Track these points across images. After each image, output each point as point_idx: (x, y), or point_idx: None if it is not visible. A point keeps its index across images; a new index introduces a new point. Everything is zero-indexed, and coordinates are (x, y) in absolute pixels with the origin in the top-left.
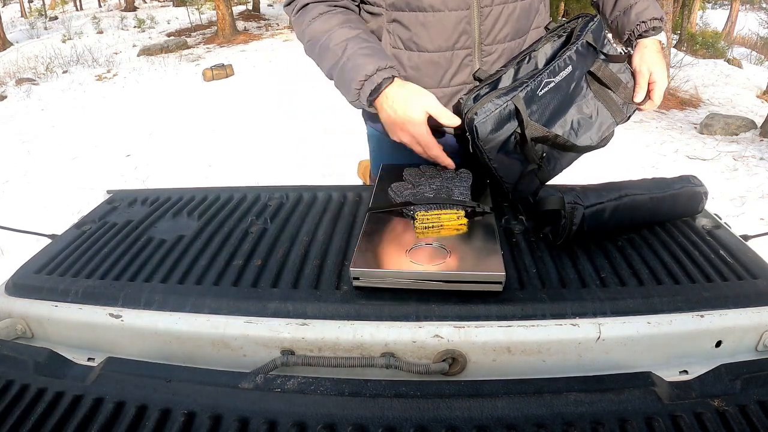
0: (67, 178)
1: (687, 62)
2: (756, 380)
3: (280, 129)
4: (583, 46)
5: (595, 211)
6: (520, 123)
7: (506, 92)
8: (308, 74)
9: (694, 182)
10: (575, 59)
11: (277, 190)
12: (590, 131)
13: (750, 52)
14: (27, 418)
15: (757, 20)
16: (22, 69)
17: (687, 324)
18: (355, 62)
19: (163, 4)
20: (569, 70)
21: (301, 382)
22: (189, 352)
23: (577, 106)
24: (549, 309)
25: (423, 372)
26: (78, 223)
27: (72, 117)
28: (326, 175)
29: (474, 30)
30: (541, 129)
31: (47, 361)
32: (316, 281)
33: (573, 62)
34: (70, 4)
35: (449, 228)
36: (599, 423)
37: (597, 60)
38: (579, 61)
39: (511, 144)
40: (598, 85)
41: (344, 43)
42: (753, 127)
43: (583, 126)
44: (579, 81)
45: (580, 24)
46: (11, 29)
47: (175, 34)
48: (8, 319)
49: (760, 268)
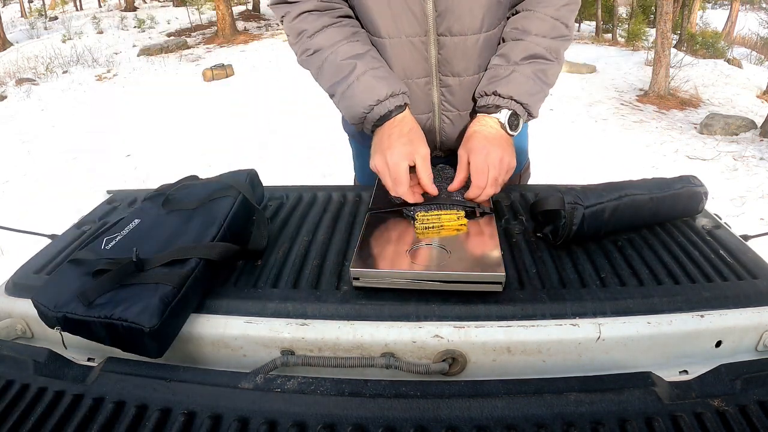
0: (67, 178)
1: (687, 62)
2: (756, 380)
3: (280, 129)
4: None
5: (595, 211)
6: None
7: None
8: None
9: (694, 182)
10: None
11: (277, 190)
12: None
13: (750, 52)
14: (27, 418)
15: (757, 20)
16: (22, 69)
17: (687, 324)
18: (366, 83)
19: (163, 4)
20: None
21: (301, 382)
22: (189, 352)
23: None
24: (549, 309)
25: (423, 372)
26: (78, 223)
27: (72, 117)
28: (326, 175)
29: (431, 58)
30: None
31: (47, 361)
32: (316, 281)
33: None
34: (70, 4)
35: (449, 228)
36: (599, 423)
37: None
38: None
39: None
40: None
41: (353, 61)
42: (753, 127)
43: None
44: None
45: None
46: (11, 29)
47: (175, 34)
48: (8, 319)
49: (760, 268)
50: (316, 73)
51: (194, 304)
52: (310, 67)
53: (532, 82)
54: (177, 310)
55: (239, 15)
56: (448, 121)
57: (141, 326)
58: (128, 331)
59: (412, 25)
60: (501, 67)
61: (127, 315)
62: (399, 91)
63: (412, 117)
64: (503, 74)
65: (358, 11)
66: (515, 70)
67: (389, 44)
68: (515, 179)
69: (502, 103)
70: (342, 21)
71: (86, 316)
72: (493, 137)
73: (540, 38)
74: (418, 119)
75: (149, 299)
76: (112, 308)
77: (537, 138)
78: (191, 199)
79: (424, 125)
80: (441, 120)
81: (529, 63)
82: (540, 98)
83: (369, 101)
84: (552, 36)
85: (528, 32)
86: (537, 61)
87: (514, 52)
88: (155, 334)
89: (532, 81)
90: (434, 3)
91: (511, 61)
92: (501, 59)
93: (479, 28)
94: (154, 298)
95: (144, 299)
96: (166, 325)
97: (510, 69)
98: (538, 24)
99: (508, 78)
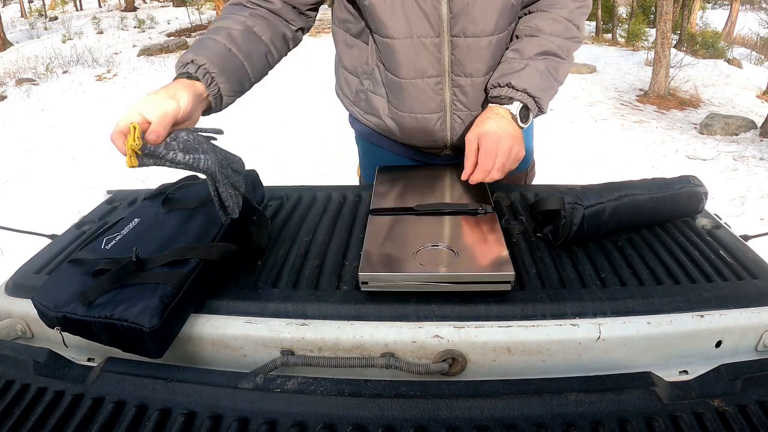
0: (67, 178)
1: (687, 62)
2: (756, 380)
3: (280, 129)
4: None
5: (595, 211)
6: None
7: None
8: (308, 74)
9: (694, 182)
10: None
11: (277, 190)
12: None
13: (750, 52)
14: (27, 418)
15: (757, 20)
16: (22, 69)
17: (687, 324)
18: (196, 43)
19: (163, 4)
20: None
21: (301, 382)
22: (189, 352)
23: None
24: (549, 309)
25: (423, 372)
26: (78, 223)
27: (72, 117)
28: (326, 176)
29: (444, 58)
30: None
31: (47, 361)
32: (315, 281)
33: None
34: (70, 4)
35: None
36: (599, 423)
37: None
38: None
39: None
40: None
41: (218, 27)
42: (753, 127)
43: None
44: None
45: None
46: (11, 29)
47: (175, 34)
48: (8, 319)
49: (760, 268)
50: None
51: (194, 304)
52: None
53: (544, 77)
54: (177, 311)
55: None
56: (459, 121)
57: (141, 326)
58: (128, 332)
59: (425, 26)
60: (515, 61)
61: (127, 315)
62: (199, 63)
63: (192, 86)
64: (517, 68)
65: (366, 13)
66: (529, 65)
67: (400, 45)
68: (521, 178)
69: (515, 95)
70: (259, 9)
71: (86, 316)
72: (505, 126)
73: (553, 37)
74: (429, 118)
75: (149, 299)
76: (112, 308)
77: (537, 138)
78: (191, 198)
79: (435, 124)
80: (452, 119)
81: (542, 59)
82: (551, 94)
83: (180, 61)
84: (565, 36)
85: (542, 30)
86: (550, 57)
87: (529, 47)
88: (155, 334)
89: (545, 76)
90: (449, 5)
91: (525, 55)
92: (515, 53)
93: (493, 29)
94: (154, 299)
95: (144, 299)
96: (167, 326)
97: (524, 63)
98: (552, 24)
99: (521, 71)
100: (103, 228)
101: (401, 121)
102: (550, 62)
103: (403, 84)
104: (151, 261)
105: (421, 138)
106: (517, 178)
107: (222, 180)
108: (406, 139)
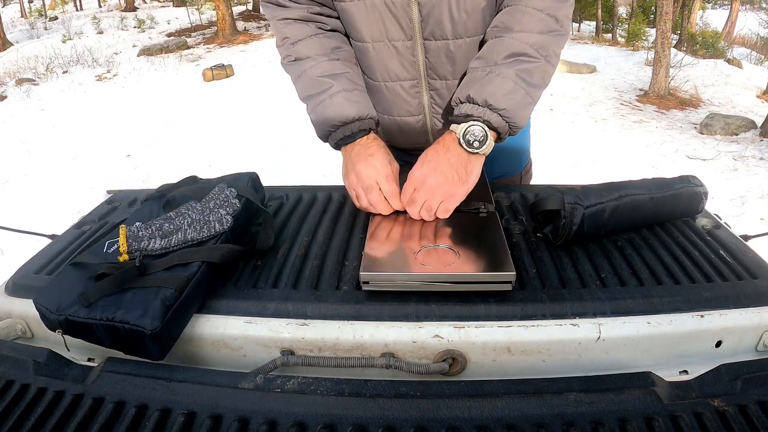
0: (67, 178)
1: (687, 62)
2: (756, 380)
3: (280, 129)
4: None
5: (595, 211)
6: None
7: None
8: None
9: (694, 182)
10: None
11: (277, 190)
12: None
13: (750, 52)
14: (27, 418)
15: (757, 20)
16: (22, 69)
17: (687, 324)
18: (338, 104)
19: (163, 4)
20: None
21: (301, 382)
22: (189, 352)
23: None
24: (549, 309)
25: (423, 372)
26: (78, 223)
27: (72, 117)
28: (326, 175)
29: (419, 62)
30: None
31: (47, 362)
32: (316, 281)
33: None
34: (70, 4)
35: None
36: (599, 423)
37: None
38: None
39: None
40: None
41: (329, 80)
42: (753, 127)
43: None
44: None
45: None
46: (11, 29)
47: (175, 34)
48: (8, 319)
49: (760, 268)
50: (294, 80)
51: (196, 306)
52: (290, 73)
53: (512, 84)
54: (178, 313)
55: (239, 15)
56: (440, 124)
57: (142, 329)
58: (130, 334)
59: (396, 30)
60: (478, 70)
61: (129, 317)
62: (366, 116)
63: (379, 142)
64: (479, 77)
65: (341, 16)
66: (492, 71)
67: (372, 48)
68: (516, 180)
69: (475, 111)
70: (326, 33)
71: (88, 318)
72: (438, 162)
73: (524, 34)
74: (409, 121)
75: (151, 302)
76: (113, 311)
77: (536, 138)
78: (192, 200)
79: (416, 126)
80: (432, 122)
81: (510, 62)
82: (523, 103)
83: (336, 121)
84: (539, 31)
85: (510, 29)
86: (520, 59)
87: (494, 51)
88: (156, 336)
89: (513, 83)
90: (419, 8)
91: (491, 61)
92: (479, 61)
93: (462, 32)
94: (155, 301)
95: (145, 302)
96: (168, 328)
97: (487, 70)
98: (523, 18)
99: (483, 80)
100: (104, 229)
101: (382, 123)
102: (520, 65)
103: (378, 87)
104: (153, 264)
105: (403, 140)
106: (510, 181)
107: (202, 228)
108: (390, 141)
